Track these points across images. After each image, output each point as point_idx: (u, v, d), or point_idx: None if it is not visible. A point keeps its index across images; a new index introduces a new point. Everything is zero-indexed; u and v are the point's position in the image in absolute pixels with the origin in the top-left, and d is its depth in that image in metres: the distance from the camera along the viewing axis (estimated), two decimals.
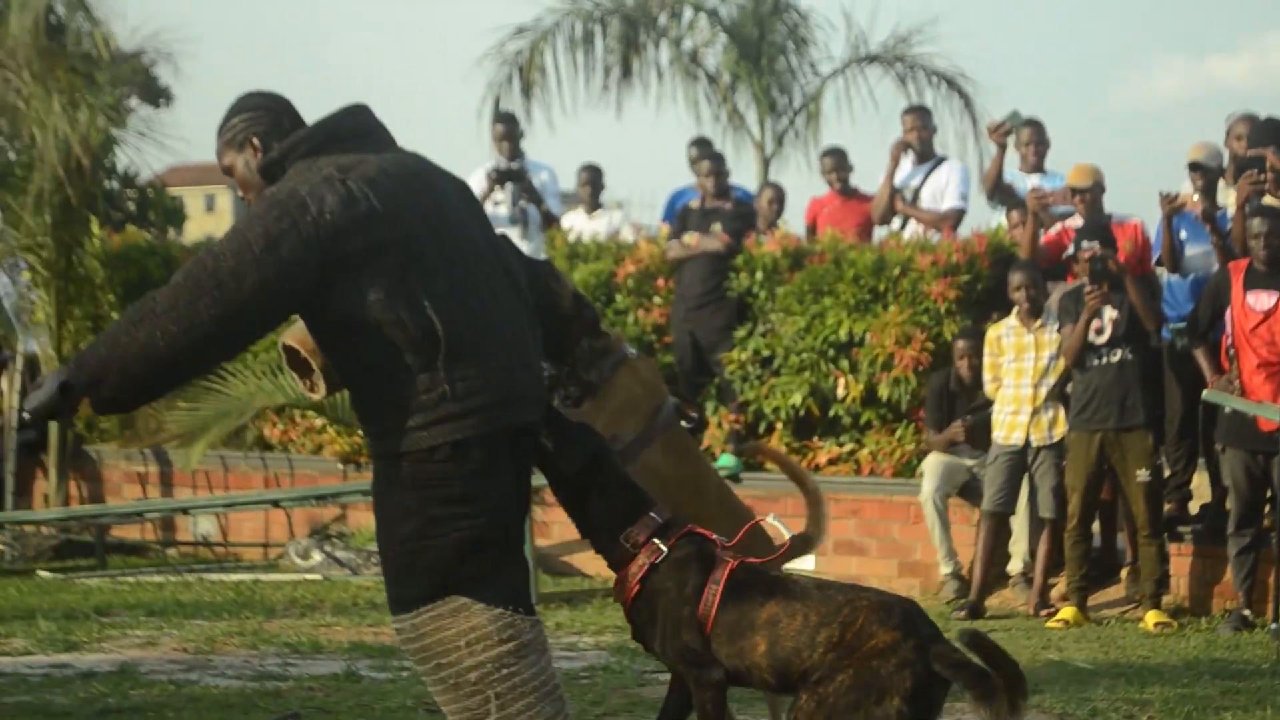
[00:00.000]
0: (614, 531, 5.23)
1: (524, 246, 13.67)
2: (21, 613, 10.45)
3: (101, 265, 14.40)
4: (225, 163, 5.26)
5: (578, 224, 14.15)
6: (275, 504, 13.10)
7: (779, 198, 14.05)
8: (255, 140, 5.12)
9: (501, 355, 5.01)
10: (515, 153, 13.88)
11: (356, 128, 5.15)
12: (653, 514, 5.23)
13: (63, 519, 13.44)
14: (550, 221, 13.82)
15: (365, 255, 4.85)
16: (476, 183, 13.75)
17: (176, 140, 22.27)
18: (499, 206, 13.70)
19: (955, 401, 11.44)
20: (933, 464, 11.35)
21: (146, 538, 14.24)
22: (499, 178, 13.65)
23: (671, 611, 5.15)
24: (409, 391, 4.89)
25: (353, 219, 4.85)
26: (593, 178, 14.41)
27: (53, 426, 13.76)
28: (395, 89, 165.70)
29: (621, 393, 5.98)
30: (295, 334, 5.26)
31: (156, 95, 26.74)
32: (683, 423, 6.37)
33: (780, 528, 5.60)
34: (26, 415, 4.84)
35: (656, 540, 5.18)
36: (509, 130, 14.07)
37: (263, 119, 5.18)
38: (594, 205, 14.48)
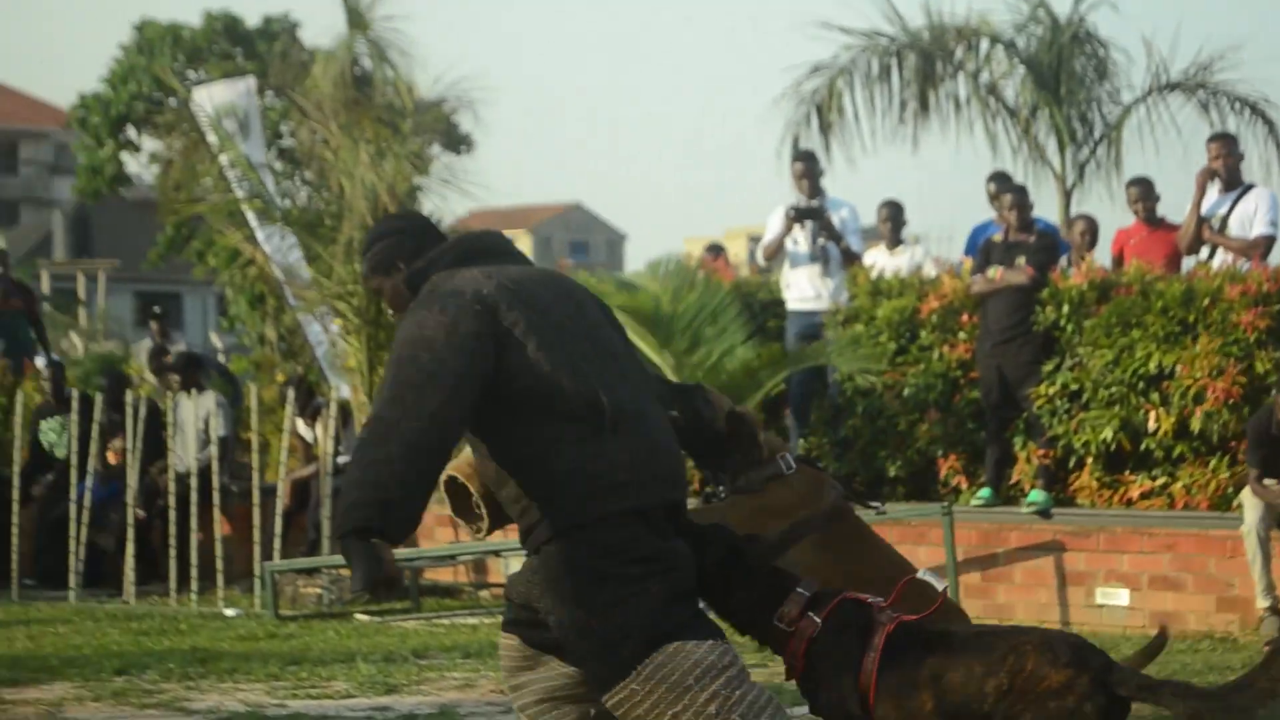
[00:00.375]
0: (767, 615, 5.24)
1: (826, 284, 13.67)
2: (341, 656, 10.69)
3: None
4: (374, 285, 5.55)
5: (879, 260, 14.08)
6: None
7: (1091, 229, 13.87)
8: (400, 263, 5.40)
9: (654, 434, 5.23)
10: (815, 190, 13.87)
11: (493, 247, 5.51)
12: (800, 589, 5.25)
13: None
14: (851, 259, 13.77)
15: (525, 329, 5.10)
16: (775, 221, 13.77)
17: (478, 186, 22.58)
18: (798, 245, 13.71)
19: (1277, 444, 11.08)
20: (1254, 496, 11.05)
21: (459, 580, 14.47)
22: (797, 216, 13.65)
23: (833, 684, 5.15)
24: (578, 463, 5.04)
25: (507, 299, 5.14)
26: (893, 214, 14.33)
27: None
28: (694, 131, 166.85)
29: (766, 498, 6.06)
30: (453, 464, 5.37)
31: (458, 142, 27.29)
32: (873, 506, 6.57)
33: (933, 581, 5.46)
34: (366, 593, 4.91)
35: (810, 614, 5.19)
36: (808, 168, 14.07)
37: (404, 243, 5.47)
38: (895, 241, 14.40)
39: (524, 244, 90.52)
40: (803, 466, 6.28)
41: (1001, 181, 13.88)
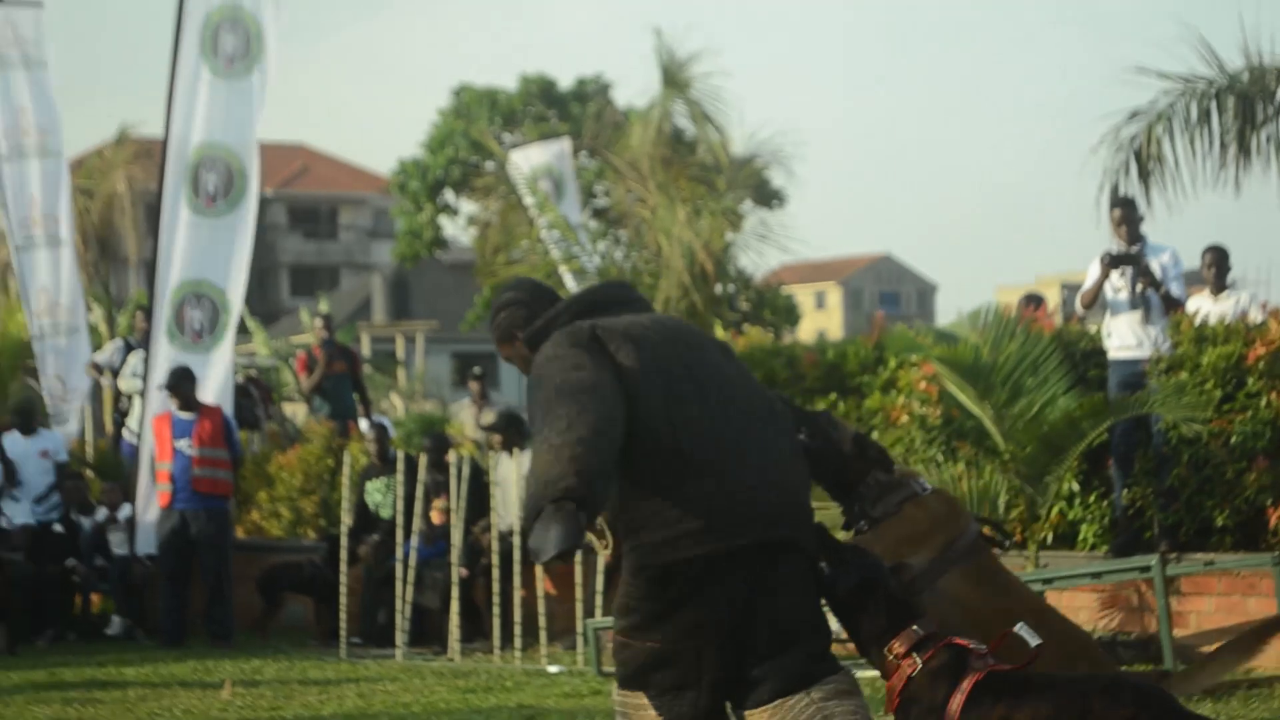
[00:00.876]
0: (880, 645, 5.77)
1: (1148, 332, 13.37)
2: None
3: None
4: (504, 354, 6.15)
5: (1203, 306, 13.75)
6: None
7: None
8: (517, 331, 6.00)
9: (750, 476, 5.67)
10: (1134, 236, 13.61)
11: (614, 298, 6.06)
12: (915, 627, 5.75)
13: None
14: (1173, 305, 13.47)
15: (636, 374, 5.64)
16: (1094, 269, 13.53)
17: (790, 240, 22.64)
18: (1119, 293, 13.45)
19: None
20: None
21: None
22: (1113, 262, 13.41)
23: (921, 717, 5.67)
24: (656, 507, 5.62)
25: (615, 339, 5.71)
26: (1217, 259, 13.98)
27: None
28: (1004, 179, 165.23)
29: (906, 525, 6.38)
30: None
31: (769, 197, 27.36)
32: (994, 548, 6.69)
33: (1027, 637, 5.73)
34: (560, 558, 5.27)
35: (915, 654, 5.71)
36: (1126, 214, 13.80)
37: (520, 311, 6.06)
38: (1220, 286, 14.06)
39: (834, 296, 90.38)
40: (938, 490, 6.56)
41: None
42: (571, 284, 16.78)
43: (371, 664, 14.05)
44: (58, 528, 16.86)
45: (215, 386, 16.53)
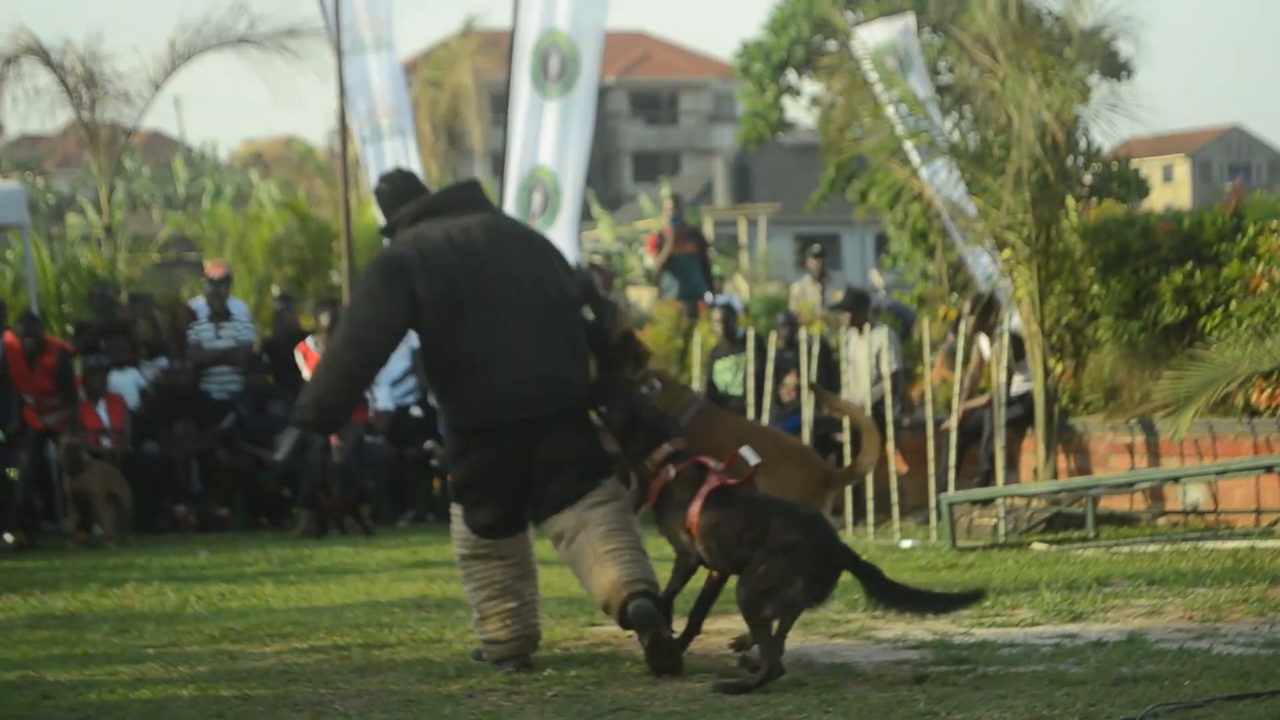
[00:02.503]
0: (644, 458, 7.96)
1: None
2: (1022, 585, 10.63)
3: (1079, 239, 14.46)
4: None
5: None
6: (1268, 469, 12.79)
7: None
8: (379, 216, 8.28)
9: (514, 371, 7.96)
10: None
11: (456, 200, 8.26)
12: (667, 445, 7.91)
13: (1053, 491, 13.58)
14: None
15: (428, 302, 7.91)
16: None
17: (1143, 111, 22.11)
18: None
19: None
20: None
21: (1135, 508, 14.21)
22: None
23: (672, 514, 7.86)
24: (452, 390, 8.11)
25: (418, 266, 7.93)
26: None
27: (1040, 400, 13.95)
28: None
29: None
30: None
31: (1117, 69, 26.69)
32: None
33: (749, 457, 7.73)
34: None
35: (670, 465, 7.87)
36: None
37: (384, 201, 8.32)
38: None
39: (1181, 169, 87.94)
40: (666, 383, 8.69)
41: None
42: (916, 160, 16.59)
43: None
44: (416, 411, 17.30)
45: None
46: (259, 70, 26.80)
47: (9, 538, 15.40)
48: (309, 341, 16.59)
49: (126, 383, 16.87)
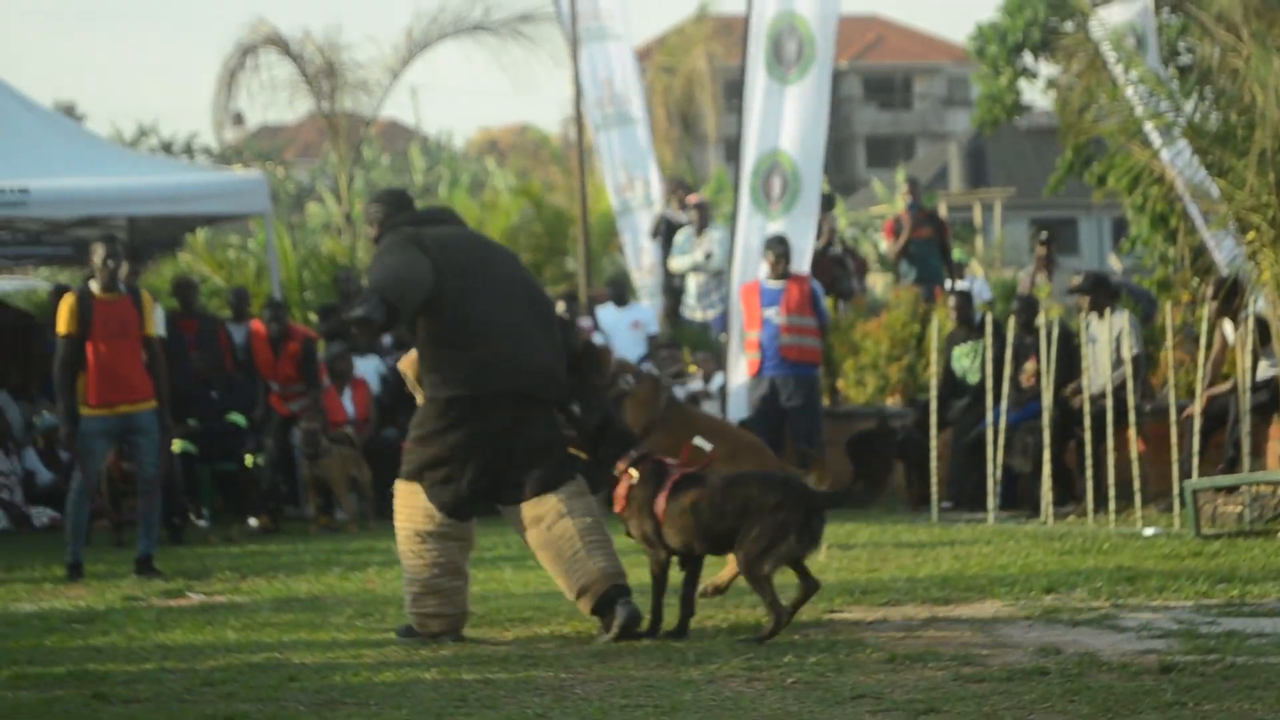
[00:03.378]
0: (611, 463, 8.81)
1: None
2: (1270, 573, 10.44)
3: None
4: (369, 234, 9.34)
5: None
6: None
7: None
8: (373, 225, 9.19)
9: (517, 347, 8.82)
10: None
11: (436, 217, 9.24)
12: (633, 452, 8.81)
13: None
14: None
15: (440, 270, 8.78)
16: None
17: None
18: None
19: None
20: None
21: None
22: None
23: (638, 516, 8.72)
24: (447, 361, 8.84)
25: (432, 246, 8.85)
26: None
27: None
28: None
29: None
30: (403, 362, 9.28)
31: None
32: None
33: (704, 445, 9.22)
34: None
35: (632, 469, 8.75)
36: None
37: (379, 211, 9.19)
38: None
39: None
40: (641, 379, 10.16)
41: None
42: (1157, 141, 16.28)
43: (963, 527, 14.07)
44: None
45: (796, 255, 16.70)
46: (494, 58, 27.03)
47: (254, 522, 15.75)
48: None
49: (368, 369, 17.15)
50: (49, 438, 16.91)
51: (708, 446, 9.03)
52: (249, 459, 16.08)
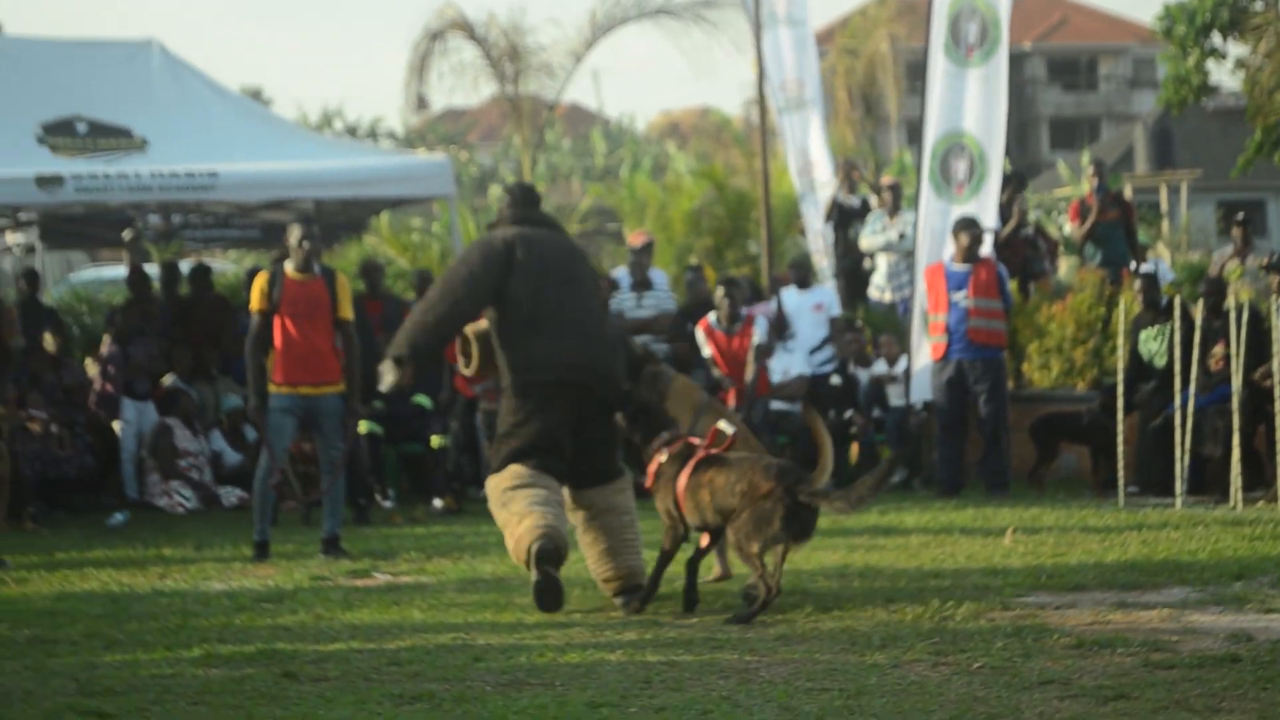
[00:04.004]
0: (648, 443, 9.66)
1: None
2: None
3: None
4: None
5: None
6: None
7: None
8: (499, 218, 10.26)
9: (573, 342, 9.77)
10: None
11: (534, 217, 10.13)
12: (665, 434, 9.68)
13: None
14: None
15: (523, 267, 9.79)
16: None
17: None
18: None
19: None
20: None
21: None
22: None
23: (663, 493, 9.53)
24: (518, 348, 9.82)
25: (523, 246, 9.87)
26: None
27: None
28: None
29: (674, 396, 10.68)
30: (470, 326, 10.07)
31: None
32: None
33: (726, 428, 9.56)
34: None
35: (664, 448, 9.59)
36: None
37: (505, 201, 10.25)
38: None
39: None
40: (676, 380, 10.92)
41: None
42: None
43: (1150, 512, 13.87)
44: (835, 380, 17.30)
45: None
46: (676, 41, 27.05)
47: (439, 503, 15.88)
48: (710, 319, 16.59)
49: None
50: (233, 418, 17.20)
51: (730, 430, 9.54)
52: (434, 440, 16.21)
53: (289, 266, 12.61)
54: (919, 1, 21.98)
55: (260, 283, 12.59)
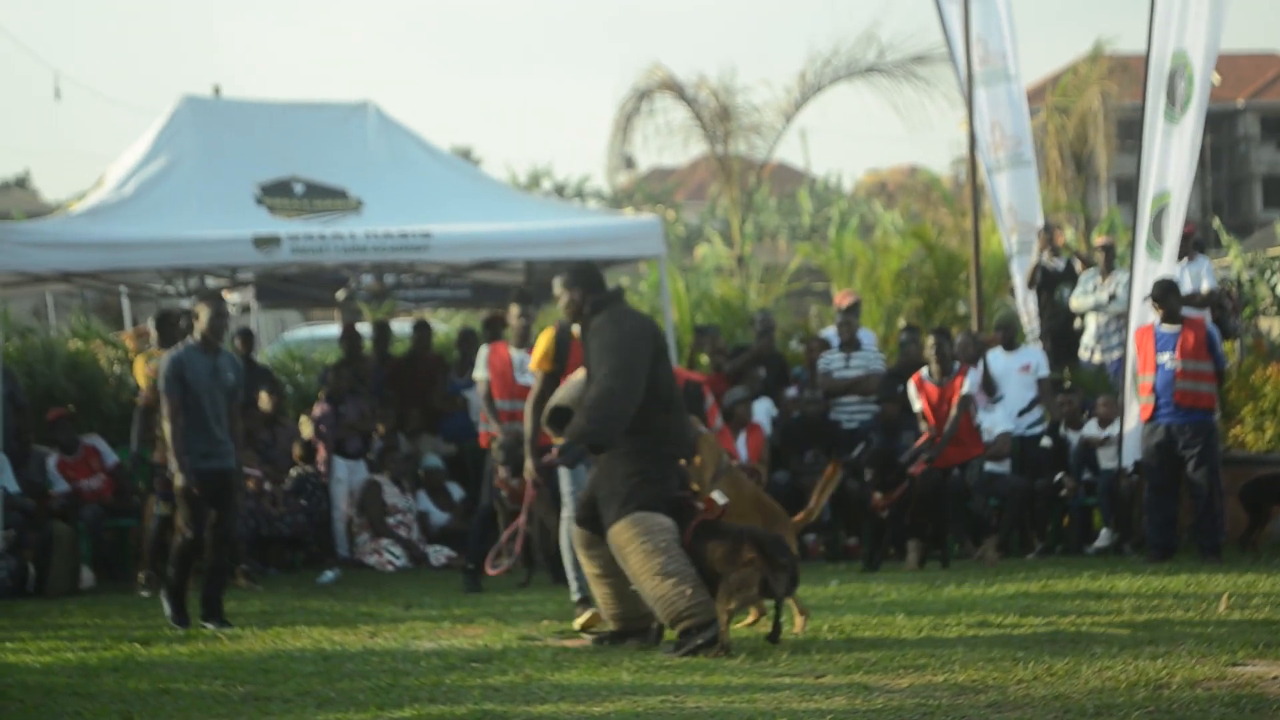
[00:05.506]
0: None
1: None
2: None
3: None
4: (565, 296, 11.04)
5: None
6: None
7: None
8: (579, 289, 10.95)
9: (683, 417, 10.89)
10: None
11: (617, 293, 10.97)
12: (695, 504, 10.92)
13: None
14: None
15: (656, 353, 10.69)
16: None
17: None
18: None
19: None
20: None
21: None
22: None
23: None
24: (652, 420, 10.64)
25: (657, 334, 10.84)
26: None
27: None
28: None
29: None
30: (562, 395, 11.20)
31: None
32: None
33: (719, 499, 10.91)
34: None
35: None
36: None
37: (580, 280, 10.95)
38: None
39: None
40: (704, 439, 11.53)
41: None
42: None
43: None
44: (1045, 441, 17.10)
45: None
46: (887, 98, 26.98)
47: None
48: (923, 373, 16.49)
49: (759, 411, 17.24)
50: (432, 477, 17.37)
51: (722, 500, 10.91)
52: None
53: (575, 327, 11.74)
54: (1131, 59, 21.71)
55: (546, 341, 11.96)
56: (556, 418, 11.02)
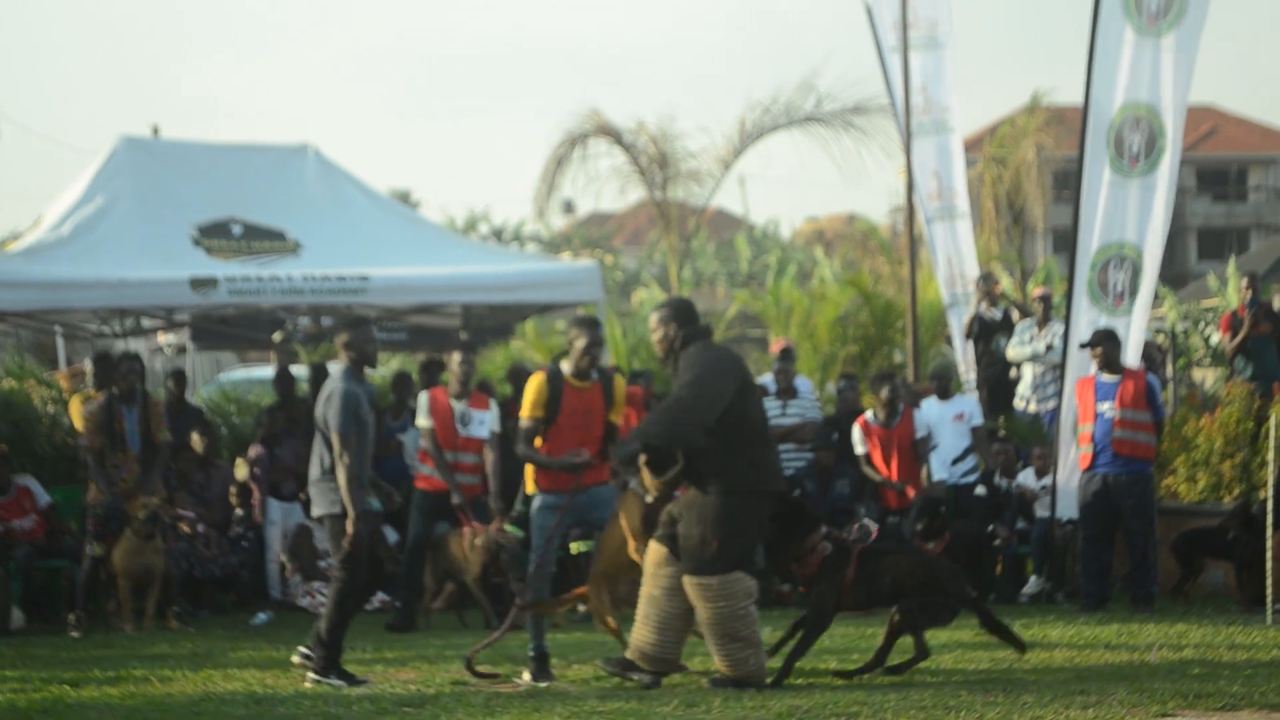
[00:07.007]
0: (797, 540, 11.37)
1: None
2: None
3: None
4: (660, 330, 10.92)
5: None
6: None
7: None
8: (674, 324, 10.85)
9: (771, 449, 10.89)
10: None
11: (706, 331, 10.91)
12: (823, 528, 11.41)
13: None
14: None
15: (746, 389, 10.72)
16: None
17: None
18: None
19: None
20: None
21: None
22: None
23: (827, 582, 11.29)
24: (744, 456, 10.65)
25: (746, 370, 10.89)
26: None
27: None
28: None
29: None
30: None
31: None
32: None
33: (871, 526, 12.50)
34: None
35: (825, 543, 11.34)
36: None
37: (675, 315, 10.87)
38: None
39: None
40: (627, 494, 11.25)
41: None
42: None
43: None
44: (980, 490, 17.16)
45: (1133, 349, 16.40)
46: (824, 148, 27.10)
47: (583, 608, 15.85)
48: (868, 415, 16.64)
49: None
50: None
51: (874, 527, 12.33)
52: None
53: (566, 368, 11.41)
54: (1069, 111, 21.88)
55: (535, 387, 11.33)
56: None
